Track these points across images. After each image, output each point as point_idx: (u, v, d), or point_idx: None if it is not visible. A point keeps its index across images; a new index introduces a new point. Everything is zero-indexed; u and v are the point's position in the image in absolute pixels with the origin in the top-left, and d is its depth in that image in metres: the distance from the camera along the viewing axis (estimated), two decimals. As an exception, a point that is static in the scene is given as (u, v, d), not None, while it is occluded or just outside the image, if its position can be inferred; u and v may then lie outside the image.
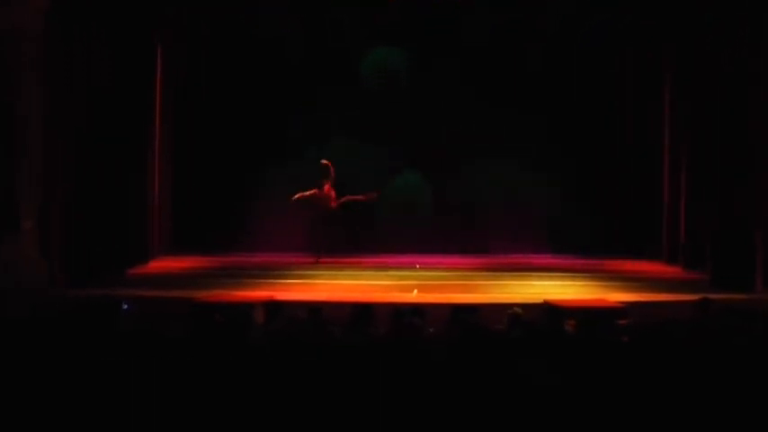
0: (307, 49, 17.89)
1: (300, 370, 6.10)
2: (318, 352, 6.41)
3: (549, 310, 10.71)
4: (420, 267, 15.92)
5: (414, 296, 12.70)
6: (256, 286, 13.24)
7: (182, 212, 18.19)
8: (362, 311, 8.41)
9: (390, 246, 18.06)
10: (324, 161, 16.41)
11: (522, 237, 18.21)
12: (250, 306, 10.45)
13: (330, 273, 15.15)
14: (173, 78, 17.42)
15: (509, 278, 14.49)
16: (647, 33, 17.10)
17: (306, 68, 17.94)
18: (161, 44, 16.54)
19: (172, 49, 17.14)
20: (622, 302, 11.40)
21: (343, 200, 16.50)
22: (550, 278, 14.50)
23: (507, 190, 18.29)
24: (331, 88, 17.83)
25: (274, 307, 10.72)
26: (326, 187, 16.34)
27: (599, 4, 17.14)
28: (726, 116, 14.17)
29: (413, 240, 18.19)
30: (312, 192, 16.21)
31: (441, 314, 9.08)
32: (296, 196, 16.21)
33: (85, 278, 13.52)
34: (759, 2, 13.69)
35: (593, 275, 14.82)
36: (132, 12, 15.05)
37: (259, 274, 14.74)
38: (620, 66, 18.03)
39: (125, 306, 8.98)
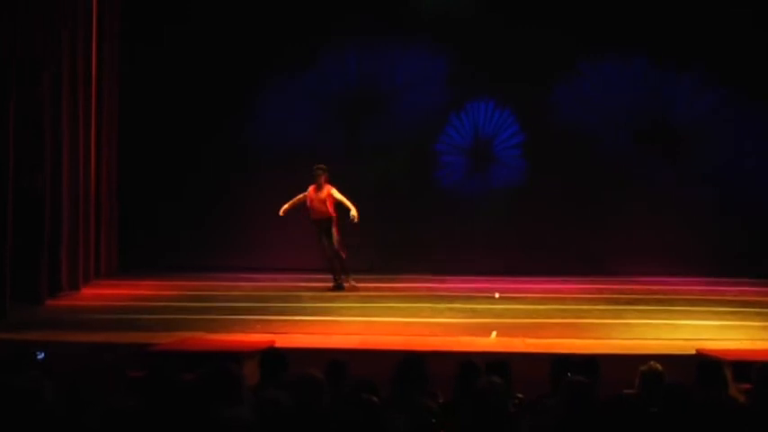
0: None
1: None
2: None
3: (706, 366, 10.53)
4: (501, 296, 15.94)
5: (492, 341, 12.63)
6: (245, 326, 13.20)
7: (131, 221, 18.53)
8: (412, 366, 8.24)
9: (455, 264, 18.24)
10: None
11: (656, 252, 18.34)
12: (236, 357, 10.37)
13: (361, 305, 15.13)
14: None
15: (640, 314, 14.41)
16: None
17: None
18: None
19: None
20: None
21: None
22: (704, 315, 14.44)
23: (639, 181, 18.56)
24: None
25: (275, 359, 10.64)
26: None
27: None
28: None
29: (489, 256, 18.38)
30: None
31: (535, 370, 8.98)
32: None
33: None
34: None
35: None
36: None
37: (249, 306, 14.74)
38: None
39: (40, 356, 8.96)
